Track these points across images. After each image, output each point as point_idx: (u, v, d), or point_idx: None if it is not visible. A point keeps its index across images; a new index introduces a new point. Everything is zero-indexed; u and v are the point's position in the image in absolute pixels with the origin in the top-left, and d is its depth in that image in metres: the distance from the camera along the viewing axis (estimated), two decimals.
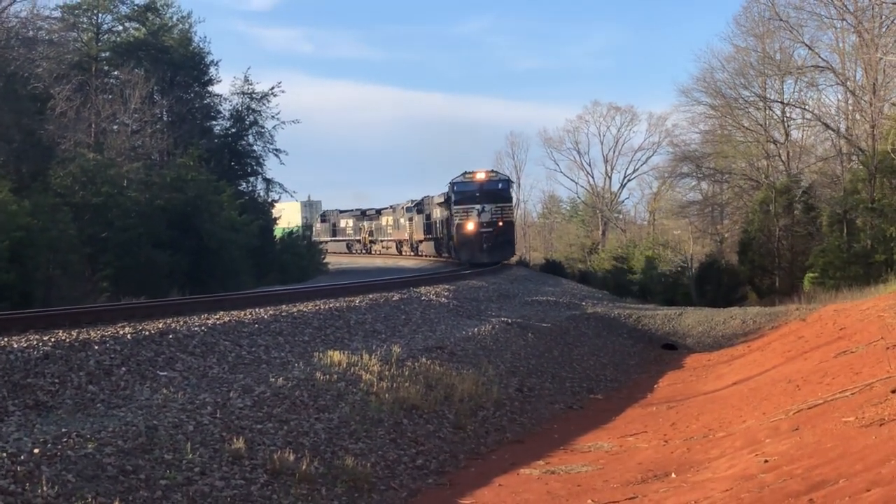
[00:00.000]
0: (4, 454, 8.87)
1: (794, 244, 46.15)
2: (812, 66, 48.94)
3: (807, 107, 51.83)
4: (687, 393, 20.61)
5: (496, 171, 54.50)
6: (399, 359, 17.09)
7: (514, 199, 65.32)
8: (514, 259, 56.14)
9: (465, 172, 51.75)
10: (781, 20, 48.55)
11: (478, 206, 49.01)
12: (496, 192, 50.76)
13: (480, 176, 51.07)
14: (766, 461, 11.04)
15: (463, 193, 50.54)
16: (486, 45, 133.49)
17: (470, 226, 48.76)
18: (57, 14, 48.77)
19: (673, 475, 12.07)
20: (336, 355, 15.94)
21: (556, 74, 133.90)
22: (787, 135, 53.01)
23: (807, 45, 48.73)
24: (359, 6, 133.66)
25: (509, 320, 25.68)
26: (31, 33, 44.66)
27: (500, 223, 49.34)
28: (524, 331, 25.07)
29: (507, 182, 54.49)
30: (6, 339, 12.09)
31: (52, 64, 44.62)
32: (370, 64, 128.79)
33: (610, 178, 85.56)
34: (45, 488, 8.61)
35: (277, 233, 54.46)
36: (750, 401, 17.12)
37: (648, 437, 15.61)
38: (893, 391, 12.49)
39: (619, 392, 22.02)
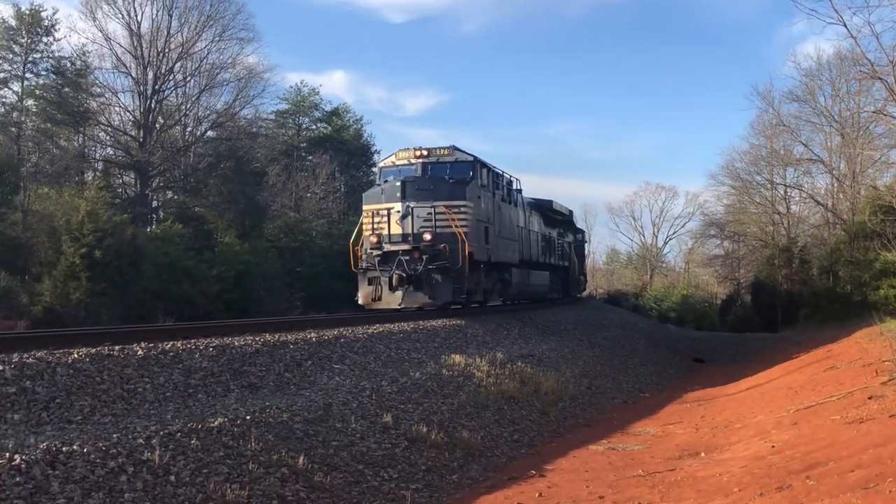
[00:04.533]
0: (226, 419, 9.00)
1: (792, 288, 44.90)
2: (807, 159, 47.91)
3: (803, 189, 50.91)
4: (712, 394, 19.99)
5: (455, 148, 22.11)
6: (501, 362, 16.91)
7: (519, 200, 27.42)
8: (586, 293, 49.52)
9: (401, 150, 22.66)
10: (785, 125, 47.84)
11: (399, 205, 20.44)
12: (442, 181, 21.02)
13: (421, 153, 21.79)
14: (772, 446, 10.62)
15: (384, 186, 21.55)
16: (569, 141, 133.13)
17: (373, 239, 20.56)
18: (272, 117, 50.28)
19: (702, 454, 11.67)
20: (457, 357, 15.86)
21: (618, 162, 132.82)
22: (788, 209, 52.05)
23: (803, 144, 47.92)
24: (480, 114, 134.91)
25: (581, 337, 25.29)
26: (254, 129, 46.04)
27: (436, 236, 20.01)
28: (592, 346, 24.66)
29: (470, 166, 22.00)
30: (231, 339, 12.32)
31: (267, 151, 46.00)
32: (486, 153, 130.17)
33: (656, 237, 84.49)
34: (252, 444, 8.70)
35: None
36: (759, 401, 16.53)
37: (683, 425, 15.15)
38: (870, 398, 11.94)
39: (661, 392, 21.46)
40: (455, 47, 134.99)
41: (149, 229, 37.32)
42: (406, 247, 20.22)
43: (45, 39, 39.30)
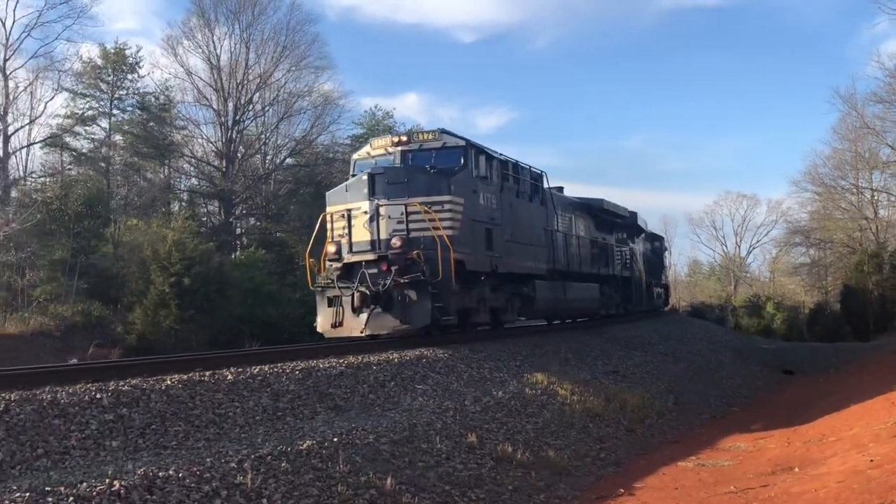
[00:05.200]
0: (315, 441, 9.11)
1: (883, 295, 43.39)
2: (894, 161, 46.38)
3: (891, 192, 49.39)
4: (804, 407, 19.36)
5: (443, 132, 17.72)
6: (585, 379, 16.74)
7: (542, 196, 21.76)
8: (668, 307, 46.83)
9: (377, 137, 20.87)
10: (869, 128, 46.41)
11: (365, 205, 16.15)
12: (421, 172, 16.59)
13: (400, 139, 17.83)
14: (871, 460, 10.21)
15: (349, 181, 17.29)
16: (645, 152, 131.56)
17: (330, 248, 16.50)
18: (348, 142, 50.97)
19: (796, 469, 11.30)
20: (539, 376, 15.73)
21: (696, 172, 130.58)
22: (876, 213, 50.61)
23: (890, 146, 46.39)
24: (554, 130, 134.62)
25: (666, 352, 24.85)
26: (331, 155, 46.87)
27: (408, 242, 15.66)
28: (677, 360, 24.20)
29: (461, 152, 17.31)
30: (315, 362, 12.49)
31: (344, 175, 46.60)
32: (560, 168, 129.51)
33: (739, 247, 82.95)
34: (341, 466, 8.79)
35: None
36: (854, 413, 15.92)
37: (775, 440, 14.71)
38: None
39: (750, 406, 20.89)
40: (526, 64, 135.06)
41: (233, 256, 38.29)
42: (371, 257, 15.86)
43: (129, 76, 40.97)
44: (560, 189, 25.37)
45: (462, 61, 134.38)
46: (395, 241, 15.69)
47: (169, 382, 9.73)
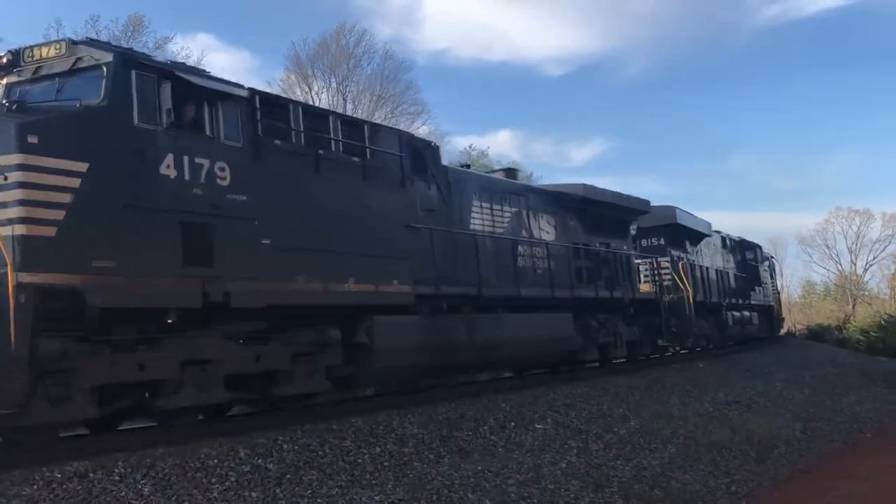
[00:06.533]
0: (443, 485, 9.18)
1: None
2: None
3: None
4: None
5: (77, 42, 9.36)
6: (708, 411, 16.34)
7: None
8: (783, 331, 45.13)
9: None
10: None
11: None
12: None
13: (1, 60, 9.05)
14: None
15: None
16: (750, 174, 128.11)
17: None
18: None
19: None
20: (660, 410, 15.47)
21: (804, 190, 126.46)
22: None
23: None
24: (652, 157, 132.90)
25: (788, 378, 23.99)
26: None
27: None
28: (801, 386, 23.31)
29: (109, 76, 8.73)
30: (436, 407, 12.59)
31: None
32: (665, 195, 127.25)
33: (855, 264, 79.93)
34: None
35: None
36: None
37: None
38: None
39: (884, 431, 19.87)
40: (618, 93, 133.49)
41: None
42: None
43: None
44: (511, 172, 19.58)
45: (553, 94, 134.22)
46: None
47: (299, 432, 10.00)
